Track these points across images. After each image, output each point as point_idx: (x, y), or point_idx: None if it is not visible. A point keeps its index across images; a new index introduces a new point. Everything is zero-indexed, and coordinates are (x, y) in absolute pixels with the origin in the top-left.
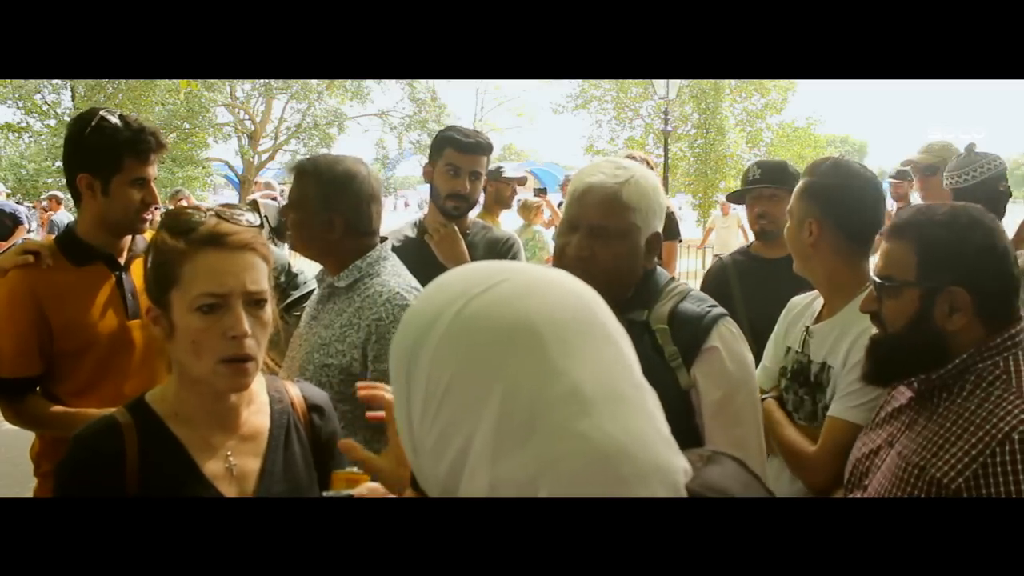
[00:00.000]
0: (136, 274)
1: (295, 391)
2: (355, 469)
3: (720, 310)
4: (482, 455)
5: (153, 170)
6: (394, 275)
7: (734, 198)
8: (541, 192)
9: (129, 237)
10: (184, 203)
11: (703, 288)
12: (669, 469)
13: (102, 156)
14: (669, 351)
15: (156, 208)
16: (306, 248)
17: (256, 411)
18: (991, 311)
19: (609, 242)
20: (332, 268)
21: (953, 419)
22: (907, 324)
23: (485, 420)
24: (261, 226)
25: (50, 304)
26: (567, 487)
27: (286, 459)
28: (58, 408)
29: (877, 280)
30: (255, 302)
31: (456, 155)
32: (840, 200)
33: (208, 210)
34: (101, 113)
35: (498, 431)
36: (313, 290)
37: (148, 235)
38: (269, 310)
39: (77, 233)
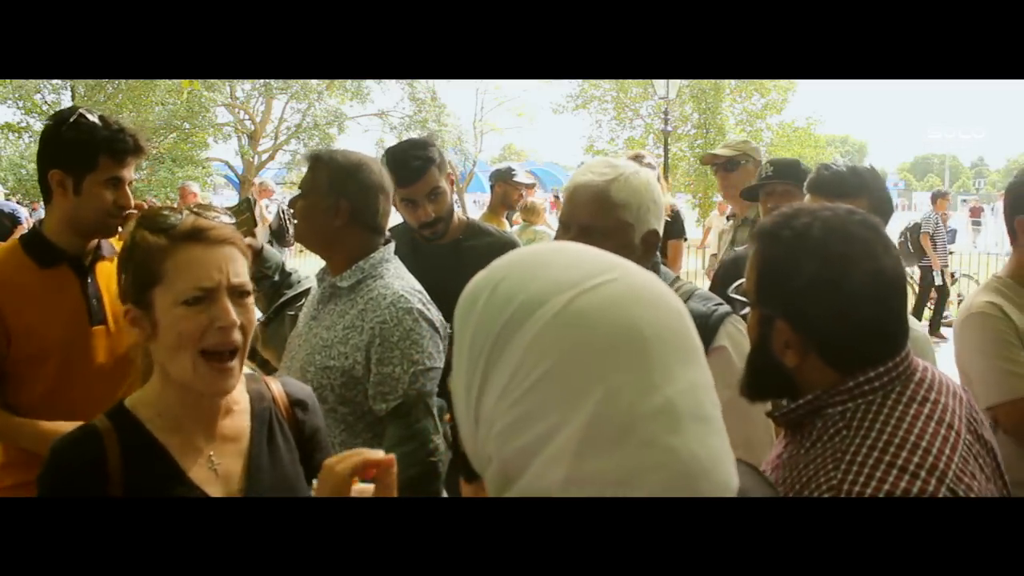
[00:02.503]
0: (101, 278)
1: (276, 387)
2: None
3: (726, 308)
4: (566, 449)
5: (129, 172)
6: (397, 277)
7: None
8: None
9: (95, 240)
10: (193, 195)
11: (715, 282)
12: (730, 486)
13: (77, 153)
14: None
15: (129, 212)
16: (310, 236)
17: (238, 411)
18: (835, 353)
19: (599, 241)
20: (335, 265)
21: (792, 467)
22: (754, 345)
23: (578, 417)
24: (255, 224)
25: (9, 307)
26: (646, 495)
27: (271, 457)
28: (13, 419)
29: (733, 293)
30: (240, 293)
31: (404, 190)
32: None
33: (183, 210)
34: (80, 110)
35: (589, 430)
36: (307, 289)
37: (115, 239)
38: (252, 302)
39: (44, 233)
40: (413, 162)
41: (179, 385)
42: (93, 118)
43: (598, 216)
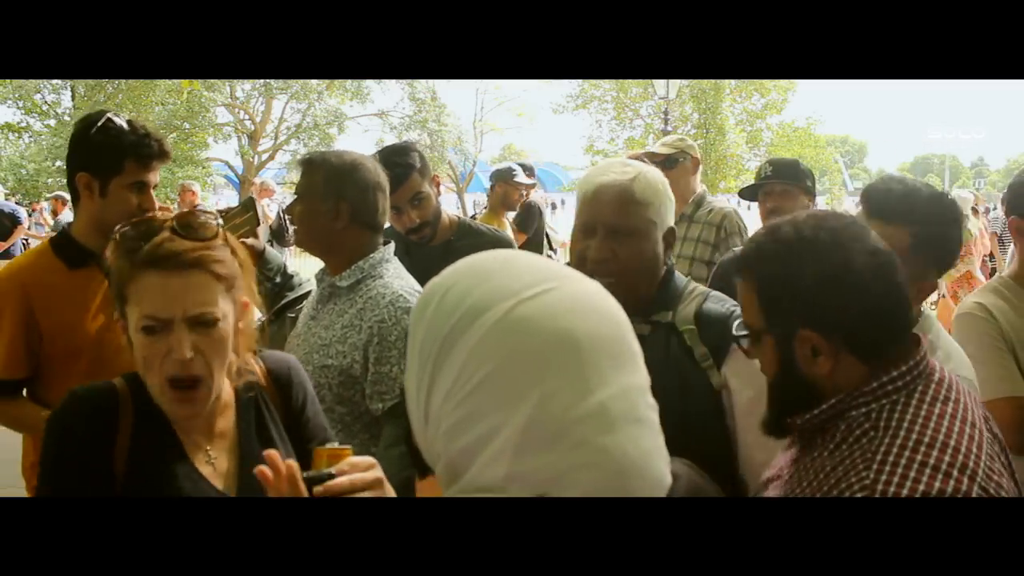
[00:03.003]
0: None
1: (260, 367)
2: (336, 444)
3: None
4: (505, 448)
5: (154, 177)
6: (397, 277)
7: (746, 194)
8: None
9: None
10: (193, 193)
11: (714, 282)
12: (662, 482)
13: (104, 156)
14: (699, 352)
15: (153, 215)
16: (311, 241)
17: (224, 407)
18: (864, 343)
19: (629, 241)
20: (335, 266)
21: (816, 470)
22: (777, 373)
23: (516, 418)
24: (258, 224)
25: (41, 306)
26: (579, 492)
27: (261, 444)
28: (46, 412)
29: (736, 332)
30: (202, 323)
31: (389, 198)
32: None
33: (166, 221)
34: (108, 115)
35: (527, 431)
36: (308, 292)
37: None
38: (223, 327)
39: (72, 234)
40: (394, 169)
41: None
42: (120, 122)
43: (625, 215)
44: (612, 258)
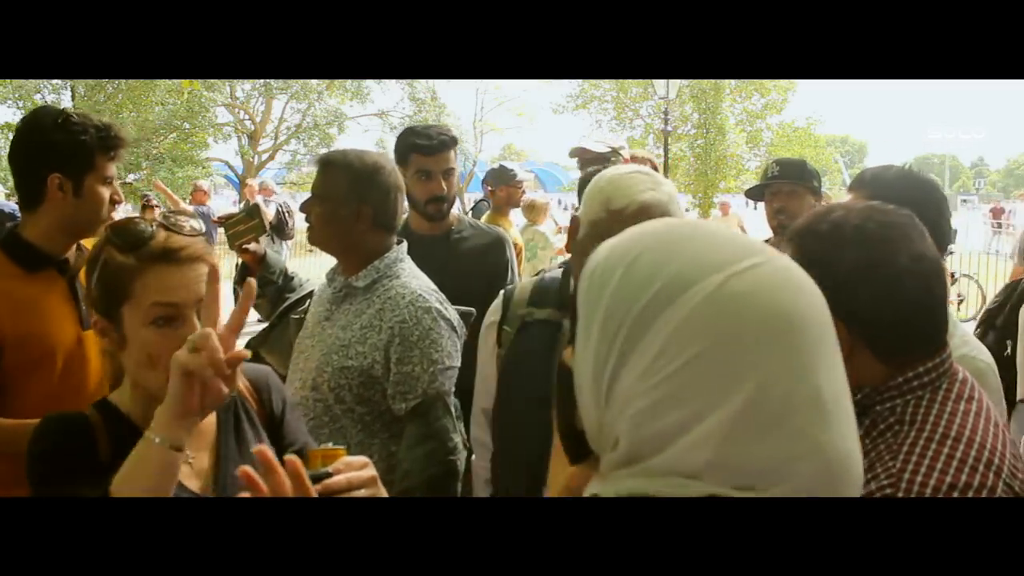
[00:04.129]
0: (83, 280)
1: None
2: (330, 444)
3: None
4: (712, 435)
5: (114, 168)
6: (413, 277)
7: (753, 194)
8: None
9: (75, 242)
10: (203, 193)
11: None
12: (860, 478)
13: (76, 154)
14: None
15: (120, 205)
16: (330, 242)
17: None
18: (884, 344)
19: None
20: (351, 266)
21: None
22: None
23: (729, 403)
24: (264, 231)
25: (2, 313)
26: (793, 486)
27: (239, 447)
28: (6, 421)
29: None
30: None
31: (424, 159)
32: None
33: (153, 221)
34: (65, 111)
35: (740, 418)
36: (310, 293)
37: (86, 241)
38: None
39: (25, 237)
40: (438, 137)
41: (151, 394)
42: (79, 118)
43: None
44: None
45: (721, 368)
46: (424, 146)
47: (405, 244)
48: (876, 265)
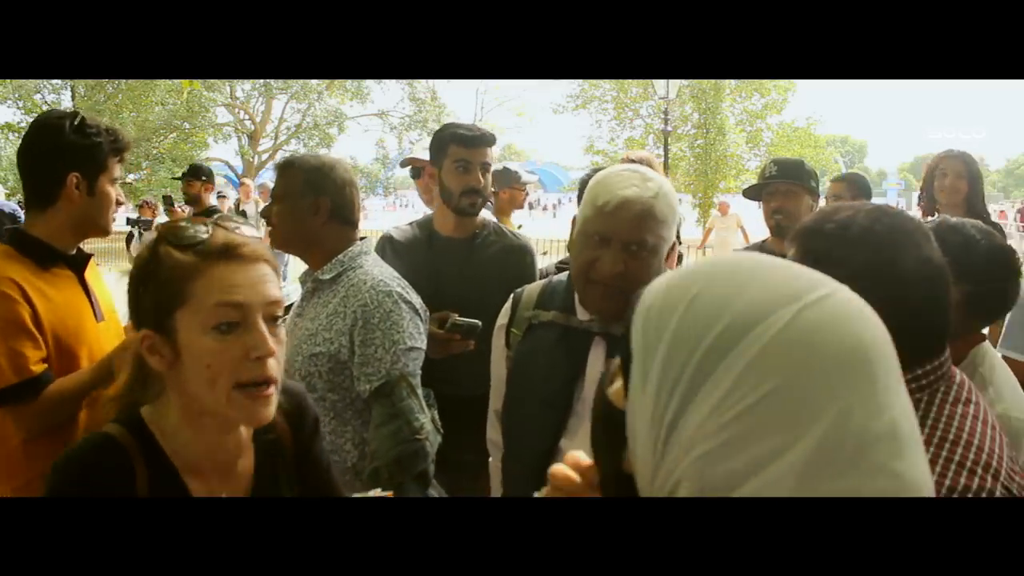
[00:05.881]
0: (90, 278)
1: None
2: (379, 491)
3: None
4: (791, 471)
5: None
6: (376, 266)
7: (750, 194)
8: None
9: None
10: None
11: None
12: None
13: (92, 154)
14: None
15: (123, 206)
16: (292, 239)
17: (245, 447)
18: None
19: (642, 256)
20: (315, 261)
21: None
22: None
23: (806, 439)
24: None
25: (38, 304)
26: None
27: (273, 493)
28: (68, 378)
29: None
30: (273, 317)
31: (463, 150)
32: None
33: (209, 222)
34: (79, 114)
35: (820, 452)
36: (291, 305)
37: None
38: (283, 327)
39: (34, 235)
40: (481, 132)
41: (205, 415)
42: (92, 121)
43: (646, 233)
44: (624, 272)
45: (798, 402)
46: (465, 137)
47: (368, 240)
48: (882, 270)
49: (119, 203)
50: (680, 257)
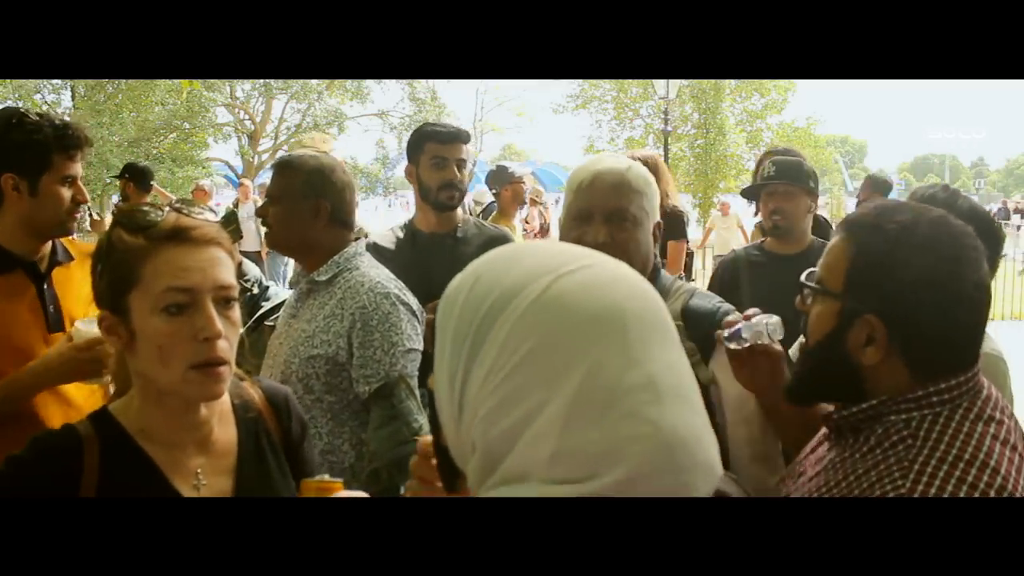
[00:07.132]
0: (59, 283)
1: (257, 394)
2: (326, 477)
3: (728, 306)
4: (551, 425)
5: (80, 168)
6: (373, 267)
7: (748, 194)
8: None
9: (49, 244)
10: (205, 192)
11: (714, 281)
12: (714, 467)
13: (29, 153)
14: (687, 347)
15: (87, 206)
16: (290, 241)
17: (225, 422)
18: (919, 356)
19: (625, 226)
20: (311, 264)
21: (847, 472)
22: (821, 340)
23: (561, 393)
24: (240, 237)
25: None
26: (630, 467)
27: (259, 473)
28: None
29: (807, 282)
30: (225, 300)
31: (439, 147)
32: None
33: (165, 207)
34: (21, 110)
35: (574, 406)
36: (283, 301)
37: (67, 241)
38: (238, 309)
39: None
40: (455, 128)
41: (163, 394)
42: (35, 117)
43: (623, 200)
44: (609, 242)
45: (551, 360)
46: (440, 133)
47: (363, 241)
48: (941, 283)
49: (78, 202)
50: (691, 255)
